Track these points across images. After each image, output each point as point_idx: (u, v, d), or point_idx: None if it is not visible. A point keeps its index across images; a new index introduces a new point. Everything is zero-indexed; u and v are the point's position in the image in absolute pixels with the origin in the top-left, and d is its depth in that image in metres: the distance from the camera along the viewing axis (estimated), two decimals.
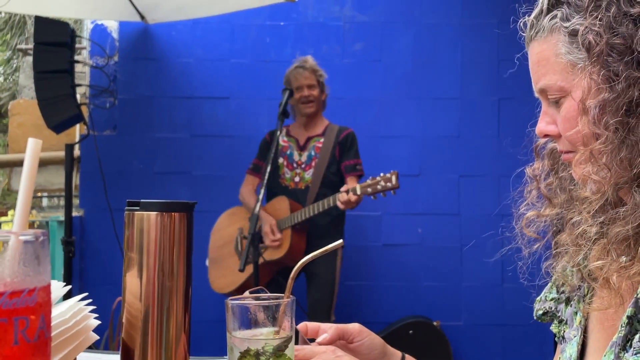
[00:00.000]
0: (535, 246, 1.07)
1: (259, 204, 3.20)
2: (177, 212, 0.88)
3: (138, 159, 4.47)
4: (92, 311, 0.94)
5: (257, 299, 0.92)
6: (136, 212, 0.88)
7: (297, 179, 3.73)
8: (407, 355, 1.11)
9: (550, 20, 0.95)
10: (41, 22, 3.65)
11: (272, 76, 4.44)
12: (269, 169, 3.34)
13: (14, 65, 11.75)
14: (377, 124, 4.39)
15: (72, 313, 0.88)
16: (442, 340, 4.19)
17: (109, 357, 1.23)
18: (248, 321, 0.88)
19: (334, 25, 4.49)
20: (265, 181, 3.33)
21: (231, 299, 0.89)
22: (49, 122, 3.64)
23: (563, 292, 1.08)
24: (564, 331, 1.05)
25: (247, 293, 0.95)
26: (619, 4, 0.89)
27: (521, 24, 1.03)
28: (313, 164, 3.72)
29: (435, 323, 4.23)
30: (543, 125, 1.01)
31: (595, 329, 0.98)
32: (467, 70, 4.44)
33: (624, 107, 0.87)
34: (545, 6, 0.97)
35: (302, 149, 3.78)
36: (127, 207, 0.90)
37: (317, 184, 3.69)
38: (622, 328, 0.87)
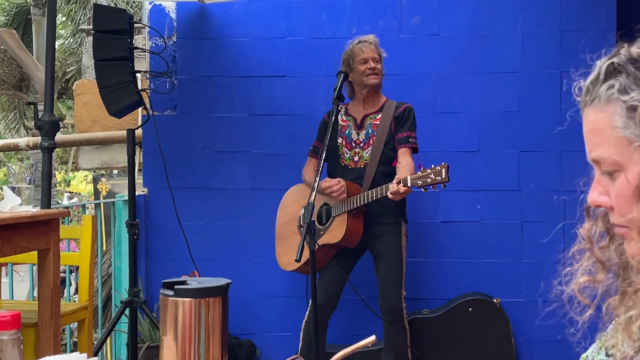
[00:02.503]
0: (587, 313, 1.03)
1: (314, 193, 3.19)
2: (211, 297, 0.87)
3: (198, 138, 4.52)
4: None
5: None
6: (170, 298, 0.88)
7: (356, 158, 3.72)
8: None
9: (607, 89, 0.89)
10: (100, 11, 3.68)
11: (329, 53, 4.39)
12: (324, 155, 3.33)
13: (79, 40, 11.98)
14: (435, 100, 4.30)
15: None
16: (502, 317, 4.16)
17: None
18: None
19: None
20: (320, 166, 3.32)
21: None
22: (110, 110, 3.69)
23: (612, 355, 1.04)
24: None
25: None
26: None
27: (576, 89, 0.97)
28: (371, 142, 3.69)
29: (495, 300, 4.19)
30: (596, 195, 0.95)
31: None
32: (528, 43, 4.29)
33: None
34: (602, 74, 0.91)
35: (359, 127, 3.75)
36: (161, 290, 0.90)
37: (375, 162, 3.66)
38: None
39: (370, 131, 3.70)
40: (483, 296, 4.21)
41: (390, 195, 3.33)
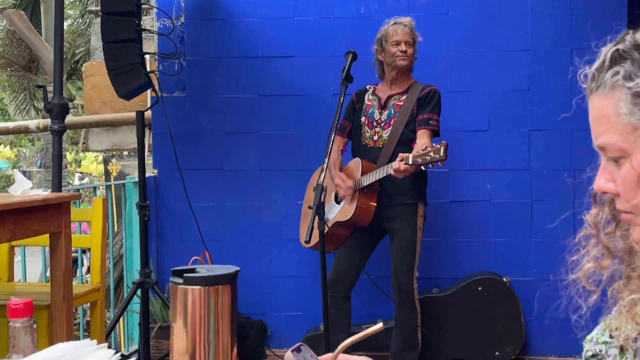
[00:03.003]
0: (592, 298, 1.03)
1: (323, 174, 3.20)
2: (220, 285, 0.89)
3: (207, 119, 4.52)
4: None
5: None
6: (180, 286, 0.89)
7: (375, 137, 3.72)
8: None
9: (612, 76, 0.89)
10: None
11: (337, 33, 4.38)
12: (333, 135, 3.34)
13: (88, 21, 11.96)
14: (444, 79, 4.27)
15: None
16: (512, 296, 4.16)
17: None
18: None
19: None
20: (330, 146, 3.32)
21: None
22: (119, 92, 3.69)
23: (616, 337, 1.04)
24: None
25: (289, 352, 0.95)
26: None
27: (581, 76, 0.97)
28: (392, 122, 3.69)
29: (504, 279, 4.20)
30: (602, 182, 0.96)
31: None
32: (537, 20, 4.25)
33: None
34: (607, 60, 0.91)
35: (382, 107, 3.75)
36: (171, 278, 0.91)
37: (393, 142, 3.66)
38: None
39: (392, 112, 3.70)
40: (493, 275, 4.21)
41: (392, 173, 3.34)
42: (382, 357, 3.85)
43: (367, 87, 3.87)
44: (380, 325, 0.89)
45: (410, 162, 3.27)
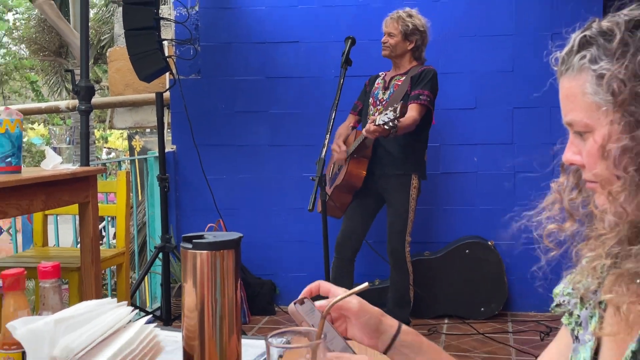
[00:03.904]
0: (552, 253, 1.05)
1: (325, 149, 3.21)
2: (225, 249, 0.91)
3: (220, 99, 4.53)
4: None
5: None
6: (189, 251, 0.91)
7: (376, 114, 3.72)
8: (403, 326, 1.09)
9: (580, 60, 0.91)
10: None
11: (338, 20, 4.37)
12: (334, 113, 3.35)
13: (111, 10, 11.90)
14: (436, 62, 4.23)
15: (139, 341, 0.93)
16: (496, 258, 4.19)
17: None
18: None
19: None
20: (330, 125, 3.34)
21: (270, 336, 0.88)
22: (140, 75, 3.70)
23: (577, 289, 1.06)
24: (579, 332, 1.04)
25: (292, 305, 0.97)
26: None
27: (552, 59, 0.98)
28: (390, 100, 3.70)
29: (489, 242, 4.23)
30: (570, 154, 0.97)
31: (609, 337, 0.97)
32: (521, 7, 4.22)
33: None
34: (576, 45, 0.92)
35: (386, 88, 3.75)
36: (182, 244, 0.93)
37: None
38: None
39: (392, 91, 3.70)
40: (479, 239, 4.24)
41: (365, 134, 3.36)
42: None
43: (380, 73, 3.88)
44: (365, 285, 0.91)
45: (377, 123, 3.21)
